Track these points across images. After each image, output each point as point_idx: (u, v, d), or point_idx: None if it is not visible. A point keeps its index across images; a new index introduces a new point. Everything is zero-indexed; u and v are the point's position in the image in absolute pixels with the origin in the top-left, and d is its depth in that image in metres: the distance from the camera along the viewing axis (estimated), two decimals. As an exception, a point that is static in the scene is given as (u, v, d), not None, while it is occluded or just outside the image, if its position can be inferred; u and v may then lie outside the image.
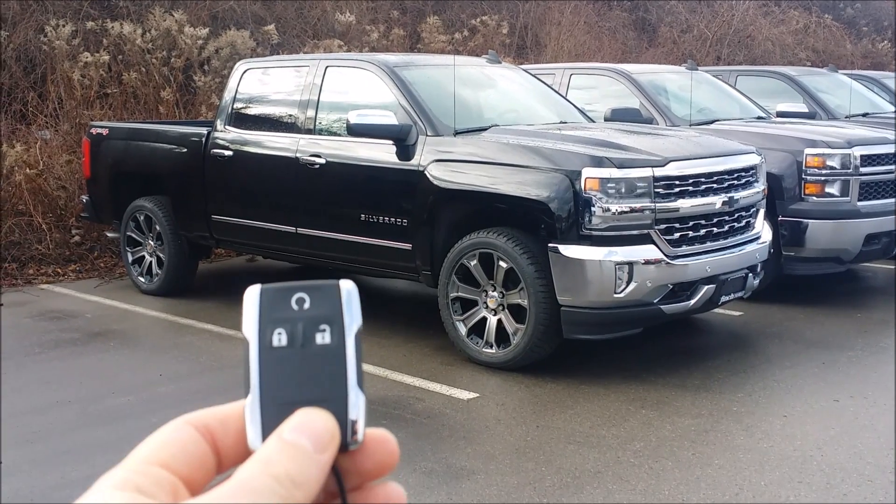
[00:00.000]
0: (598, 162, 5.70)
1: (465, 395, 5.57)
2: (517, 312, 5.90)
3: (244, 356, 0.59)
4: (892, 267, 9.20)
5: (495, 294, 6.01)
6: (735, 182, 6.30)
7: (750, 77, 11.11)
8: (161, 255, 8.15)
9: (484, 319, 6.07)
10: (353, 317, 0.59)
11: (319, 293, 0.60)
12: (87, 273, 9.13)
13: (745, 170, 6.45)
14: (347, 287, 0.60)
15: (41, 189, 9.60)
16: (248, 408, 0.58)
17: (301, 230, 7.09)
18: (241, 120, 7.67)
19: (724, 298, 6.19)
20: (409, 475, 4.40)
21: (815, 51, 21.76)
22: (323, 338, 0.59)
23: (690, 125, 8.30)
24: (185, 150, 7.90)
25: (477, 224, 6.15)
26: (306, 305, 0.59)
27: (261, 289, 0.61)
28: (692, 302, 5.91)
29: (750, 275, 6.37)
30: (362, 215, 6.65)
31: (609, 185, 5.62)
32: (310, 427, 0.56)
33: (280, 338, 0.59)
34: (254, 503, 0.52)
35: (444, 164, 6.23)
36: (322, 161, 6.88)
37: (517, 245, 5.83)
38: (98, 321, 7.37)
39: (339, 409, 0.57)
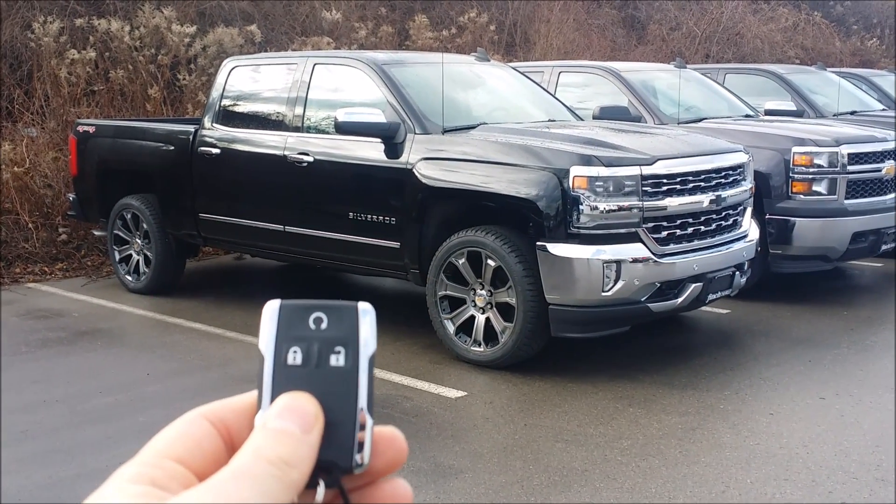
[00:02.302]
0: (587, 160, 5.71)
1: (453, 393, 5.57)
2: (505, 311, 5.91)
3: (258, 371, 0.60)
4: (880, 265, 9.24)
5: (483, 292, 6.01)
6: (722, 180, 6.31)
7: (738, 75, 11.14)
8: (148, 254, 8.12)
9: (472, 318, 6.08)
10: (368, 341, 0.60)
11: (337, 314, 0.60)
12: (75, 272, 9.09)
13: (733, 168, 6.46)
14: (365, 309, 0.61)
15: (28, 187, 9.55)
16: (260, 422, 0.59)
17: (289, 228, 7.08)
18: (228, 117, 7.65)
19: (711, 297, 6.21)
20: (397, 473, 4.39)
21: (803, 48, 21.82)
22: (337, 360, 0.59)
23: (679, 123, 8.32)
24: (173, 147, 7.87)
25: (465, 222, 6.15)
26: (323, 325, 0.60)
27: (280, 305, 0.61)
28: (679, 300, 5.92)
29: (737, 273, 6.39)
30: (350, 213, 6.64)
31: (597, 183, 5.63)
32: (294, 411, 0.57)
33: (295, 356, 0.59)
34: (253, 487, 0.53)
35: (432, 162, 6.22)
36: (310, 159, 6.87)
37: (505, 243, 5.84)
38: (85, 320, 7.35)
39: (347, 433, 0.58)
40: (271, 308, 0.60)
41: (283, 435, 0.56)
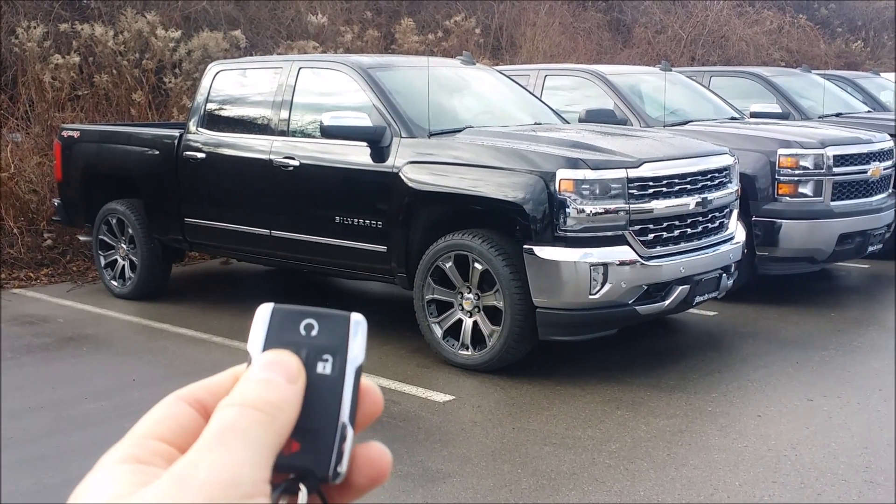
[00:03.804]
0: (573, 163, 5.70)
1: (441, 397, 5.56)
2: (493, 314, 5.90)
3: (244, 371, 0.59)
4: (866, 266, 9.28)
5: (471, 296, 6.00)
6: (708, 183, 6.32)
7: (724, 77, 11.16)
8: (134, 259, 8.08)
9: (459, 321, 6.07)
10: (357, 351, 0.59)
11: (329, 322, 0.60)
12: (60, 277, 9.04)
13: (719, 170, 6.47)
14: (357, 320, 0.60)
15: (12, 192, 9.49)
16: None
17: (275, 233, 7.05)
18: (213, 122, 7.62)
19: (698, 299, 6.21)
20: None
21: (788, 51, 21.92)
22: (324, 367, 0.59)
23: (664, 126, 8.33)
24: (158, 152, 7.84)
25: (452, 226, 6.14)
26: (314, 332, 0.59)
27: (273, 308, 0.60)
28: (667, 303, 5.93)
29: (724, 275, 6.40)
30: (337, 217, 6.62)
31: (583, 186, 5.63)
32: (278, 364, 0.57)
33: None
34: (242, 442, 0.53)
35: (418, 165, 6.21)
36: (296, 163, 6.85)
37: (492, 247, 5.83)
38: (71, 326, 7.30)
39: (326, 442, 0.57)
40: (264, 311, 0.60)
41: (268, 383, 0.56)
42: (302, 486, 0.57)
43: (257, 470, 0.53)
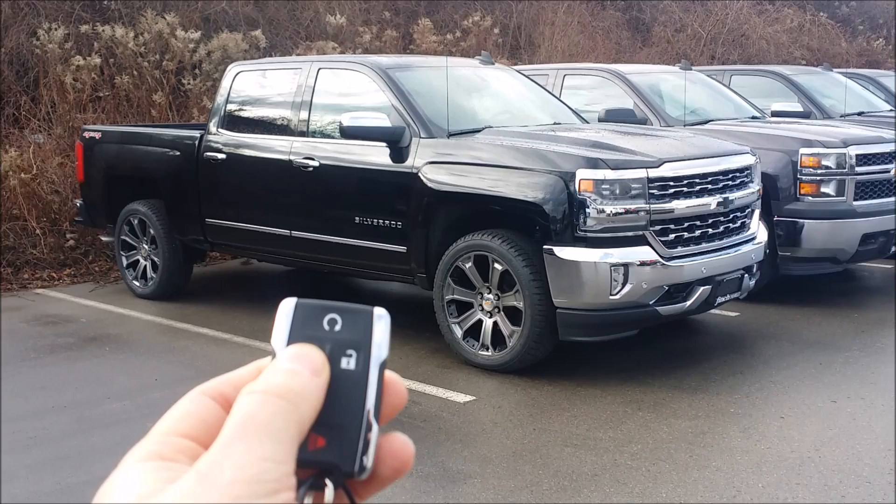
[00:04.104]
0: (593, 163, 5.68)
1: (462, 397, 5.55)
2: (513, 315, 5.89)
3: (270, 364, 0.59)
4: (890, 266, 9.20)
5: (491, 296, 5.99)
6: (730, 182, 6.29)
7: (744, 76, 11.10)
8: (155, 259, 8.12)
9: (480, 322, 6.06)
10: (381, 346, 0.59)
11: (352, 317, 0.60)
12: (82, 277, 9.10)
13: (740, 170, 6.43)
14: (380, 314, 0.60)
15: (35, 193, 9.57)
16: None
17: (295, 233, 7.07)
18: (233, 123, 7.64)
19: (720, 299, 6.18)
20: (406, 478, 4.38)
21: (809, 49, 21.78)
22: (348, 363, 0.59)
23: (685, 125, 8.29)
24: (179, 153, 7.87)
25: (472, 226, 6.13)
26: (337, 327, 0.59)
27: (296, 303, 0.61)
28: (688, 303, 5.90)
29: (746, 275, 6.36)
30: (356, 218, 6.63)
31: (604, 186, 5.61)
32: (303, 357, 0.58)
33: None
34: (266, 435, 0.53)
35: (437, 165, 6.21)
36: (315, 163, 6.86)
37: (512, 247, 5.82)
38: (93, 326, 7.34)
39: (351, 437, 0.57)
40: (287, 306, 0.60)
41: (291, 373, 0.57)
42: (328, 482, 0.56)
43: (282, 465, 0.53)
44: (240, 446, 0.53)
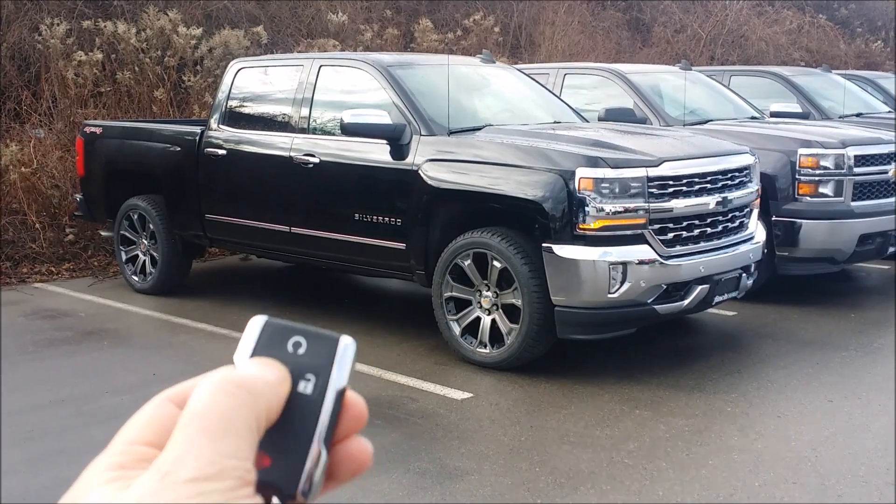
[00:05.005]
0: (593, 162, 5.70)
1: (459, 394, 5.57)
2: (511, 312, 5.90)
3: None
4: (887, 267, 9.22)
5: (489, 294, 6.01)
6: (729, 182, 6.30)
7: (744, 77, 11.12)
8: (155, 254, 8.13)
9: (478, 319, 6.07)
10: (341, 374, 0.59)
11: (317, 342, 0.60)
12: (81, 272, 9.11)
13: (739, 170, 6.45)
14: (346, 343, 0.60)
15: (35, 188, 9.57)
16: None
17: (295, 229, 7.08)
18: (234, 119, 7.65)
19: (717, 298, 6.19)
20: (403, 475, 4.40)
21: (808, 51, 21.80)
22: (305, 387, 0.58)
23: (684, 125, 8.31)
24: (179, 148, 7.88)
25: (471, 224, 6.14)
26: (301, 350, 0.59)
27: (265, 322, 0.61)
28: (686, 302, 5.91)
29: (744, 275, 6.37)
30: (356, 215, 6.64)
31: (603, 185, 5.62)
32: (267, 364, 0.58)
33: None
34: (225, 430, 0.53)
35: (438, 163, 6.22)
36: (316, 160, 6.87)
37: (511, 245, 5.83)
38: (92, 320, 7.35)
39: (296, 462, 0.57)
40: (256, 323, 0.61)
41: (254, 370, 0.57)
42: (275, 501, 0.56)
43: (243, 461, 0.53)
44: (200, 440, 0.53)
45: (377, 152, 6.50)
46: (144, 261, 8.25)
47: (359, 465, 0.60)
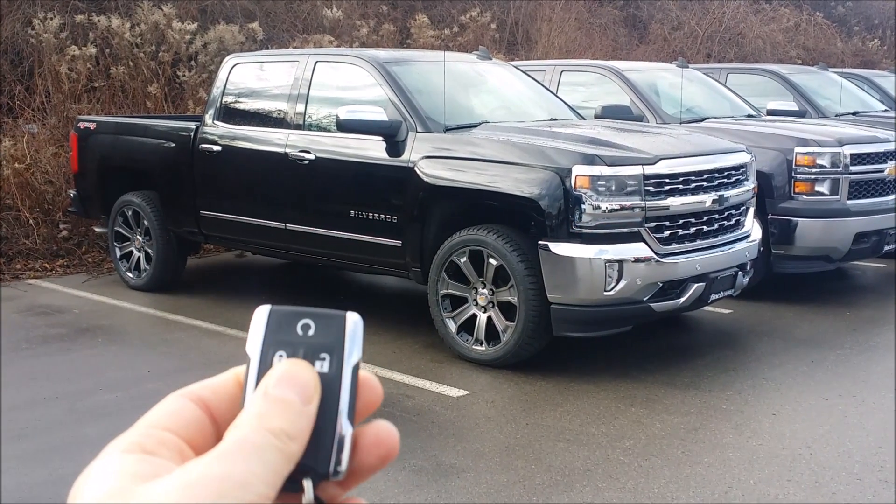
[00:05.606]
0: (589, 160, 5.69)
1: (455, 392, 5.55)
2: (507, 310, 5.89)
3: (244, 372, 0.60)
4: (882, 265, 9.23)
5: (485, 291, 6.00)
6: (725, 180, 6.30)
7: (740, 75, 11.12)
8: (149, 251, 8.11)
9: (474, 317, 6.06)
10: (354, 349, 0.60)
11: (325, 322, 0.60)
12: (75, 268, 9.08)
13: (735, 168, 6.45)
14: (354, 319, 0.60)
15: (28, 183, 9.54)
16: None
17: (290, 226, 7.06)
18: (229, 115, 7.63)
19: (713, 296, 6.19)
20: (398, 473, 4.39)
21: (805, 49, 21.81)
22: (322, 366, 0.59)
23: (681, 123, 8.30)
24: (174, 144, 7.85)
25: (467, 221, 6.13)
26: (311, 332, 0.60)
27: (270, 310, 0.61)
28: (682, 300, 5.91)
29: (739, 273, 6.37)
30: (352, 211, 6.62)
31: (599, 182, 5.61)
32: (293, 380, 0.57)
33: (280, 360, 0.59)
34: (258, 457, 0.53)
35: (434, 160, 6.21)
36: (311, 157, 6.85)
37: (507, 242, 5.82)
38: (86, 317, 7.33)
39: (325, 440, 0.57)
40: (262, 313, 0.61)
41: (283, 404, 0.56)
42: (306, 485, 0.57)
43: (268, 487, 0.53)
44: (231, 460, 0.53)
45: (373, 149, 6.49)
46: (139, 257, 8.22)
47: (388, 450, 0.61)
